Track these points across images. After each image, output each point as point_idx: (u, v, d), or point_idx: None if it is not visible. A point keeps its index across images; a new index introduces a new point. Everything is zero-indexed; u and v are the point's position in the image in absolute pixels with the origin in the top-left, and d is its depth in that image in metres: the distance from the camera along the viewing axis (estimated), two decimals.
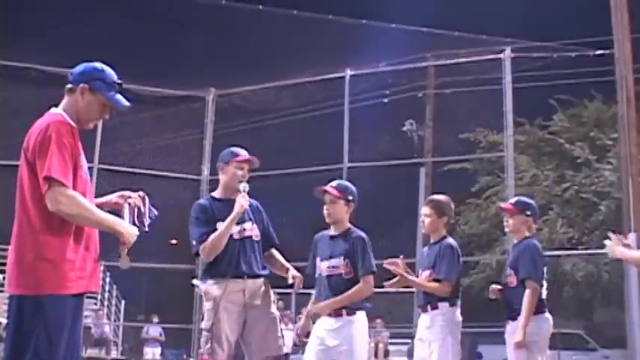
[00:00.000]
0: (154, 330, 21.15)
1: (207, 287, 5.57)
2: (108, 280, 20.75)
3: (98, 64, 4.05)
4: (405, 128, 20.06)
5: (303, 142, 16.74)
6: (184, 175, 15.83)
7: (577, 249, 19.95)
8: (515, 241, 6.31)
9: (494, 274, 19.37)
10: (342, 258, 5.65)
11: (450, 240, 5.98)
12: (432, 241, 6.05)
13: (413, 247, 21.67)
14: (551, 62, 16.77)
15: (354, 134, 15.40)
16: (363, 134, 16.12)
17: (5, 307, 4.08)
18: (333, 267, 5.65)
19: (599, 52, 15.70)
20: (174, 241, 18.77)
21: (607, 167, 20.66)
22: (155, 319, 21.50)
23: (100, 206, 4.16)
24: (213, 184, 15.41)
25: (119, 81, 4.04)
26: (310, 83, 16.29)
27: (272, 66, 17.91)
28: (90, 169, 4.97)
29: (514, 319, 5.98)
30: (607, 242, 5.75)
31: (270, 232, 5.90)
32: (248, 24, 21.29)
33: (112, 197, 4.34)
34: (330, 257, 5.68)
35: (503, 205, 6.62)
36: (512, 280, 6.07)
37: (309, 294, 5.97)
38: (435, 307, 5.72)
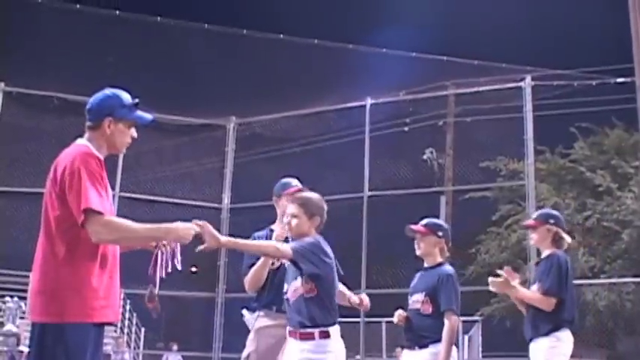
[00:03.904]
0: (173, 358, 21.12)
1: (251, 317, 5.61)
2: (128, 307, 20.75)
3: (109, 91, 4.04)
4: (425, 157, 20.03)
5: (323, 171, 16.74)
6: (205, 203, 15.84)
7: (599, 278, 19.78)
8: (427, 265, 5.96)
9: (515, 303, 19.20)
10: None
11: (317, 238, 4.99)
12: None
13: None
14: (572, 90, 16.75)
15: (374, 163, 15.38)
16: (383, 163, 16.11)
17: (27, 335, 4.09)
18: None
19: (619, 79, 15.65)
20: (194, 269, 18.79)
21: (629, 195, 20.51)
22: (175, 347, 21.48)
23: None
24: (234, 213, 15.54)
25: (135, 100, 4.06)
26: (331, 112, 16.33)
27: (292, 94, 17.95)
28: (112, 197, 5.00)
29: (423, 346, 5.71)
30: (492, 279, 5.84)
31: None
32: (269, 53, 21.41)
33: None
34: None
35: (413, 226, 6.02)
36: (427, 307, 5.74)
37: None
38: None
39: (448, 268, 5.90)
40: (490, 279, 5.86)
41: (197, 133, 17.34)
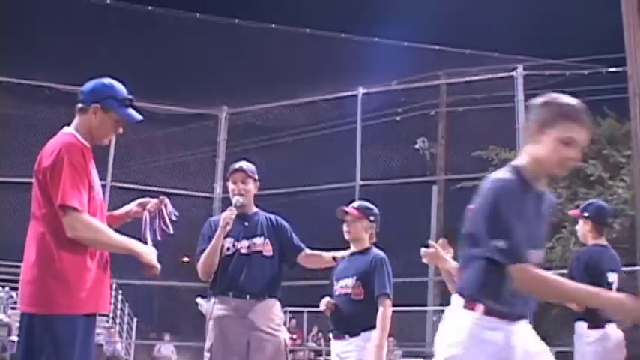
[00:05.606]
0: (165, 348, 21.09)
1: (207, 306, 5.49)
2: (120, 297, 20.73)
3: (107, 80, 4.03)
4: (417, 146, 20.04)
5: (315, 161, 16.73)
6: (197, 193, 15.81)
7: None
8: (355, 250, 5.79)
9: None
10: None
11: None
12: None
13: (425, 266, 21.62)
14: (564, 80, 16.75)
15: (366, 152, 15.37)
16: (375, 152, 16.10)
17: (18, 325, 4.08)
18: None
19: (611, 69, 15.67)
20: (186, 259, 18.76)
21: (620, 185, 20.55)
22: (167, 337, 21.45)
23: (120, 218, 4.19)
24: (226, 202, 15.49)
25: (130, 96, 4.03)
26: (323, 101, 16.30)
27: (285, 84, 17.91)
28: (103, 186, 4.96)
29: (355, 334, 5.53)
30: (424, 250, 5.37)
31: (294, 242, 5.70)
32: (261, 42, 21.36)
33: (131, 207, 4.38)
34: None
35: (346, 208, 5.85)
36: (359, 292, 5.57)
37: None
38: None
39: (380, 252, 5.77)
40: (422, 250, 5.44)
41: (189, 123, 17.30)
